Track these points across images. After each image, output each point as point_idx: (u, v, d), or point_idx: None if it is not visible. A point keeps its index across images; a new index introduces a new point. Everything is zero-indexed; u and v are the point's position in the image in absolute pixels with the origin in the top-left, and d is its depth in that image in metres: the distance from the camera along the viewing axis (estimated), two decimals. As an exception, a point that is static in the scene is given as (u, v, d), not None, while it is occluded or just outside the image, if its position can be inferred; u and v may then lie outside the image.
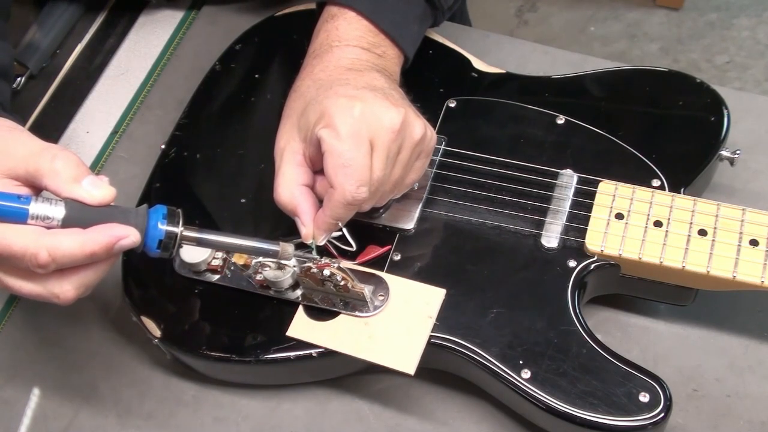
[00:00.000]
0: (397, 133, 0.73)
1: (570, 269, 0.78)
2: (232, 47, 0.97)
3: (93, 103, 1.03)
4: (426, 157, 0.78)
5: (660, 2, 2.09)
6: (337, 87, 0.76)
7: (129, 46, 1.07)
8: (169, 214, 0.68)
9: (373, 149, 0.73)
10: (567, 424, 0.72)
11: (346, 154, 0.72)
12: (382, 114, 0.73)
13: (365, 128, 0.73)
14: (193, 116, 0.93)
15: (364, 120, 0.73)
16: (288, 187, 0.76)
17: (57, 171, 0.65)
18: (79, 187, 0.65)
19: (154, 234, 0.67)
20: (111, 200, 0.66)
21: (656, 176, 0.81)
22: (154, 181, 0.90)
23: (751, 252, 0.75)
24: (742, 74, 1.98)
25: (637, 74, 0.90)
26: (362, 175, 0.72)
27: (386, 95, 0.76)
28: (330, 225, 0.75)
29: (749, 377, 0.80)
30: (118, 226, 0.66)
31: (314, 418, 0.81)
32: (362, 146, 0.72)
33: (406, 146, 0.75)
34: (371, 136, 0.73)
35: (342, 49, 0.81)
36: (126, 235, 0.66)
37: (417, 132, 0.75)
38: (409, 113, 0.75)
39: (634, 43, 2.05)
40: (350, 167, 0.72)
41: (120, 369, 0.85)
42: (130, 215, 0.67)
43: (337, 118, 0.73)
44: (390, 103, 0.74)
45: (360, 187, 0.72)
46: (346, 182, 0.72)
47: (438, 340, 0.76)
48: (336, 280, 0.76)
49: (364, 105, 0.73)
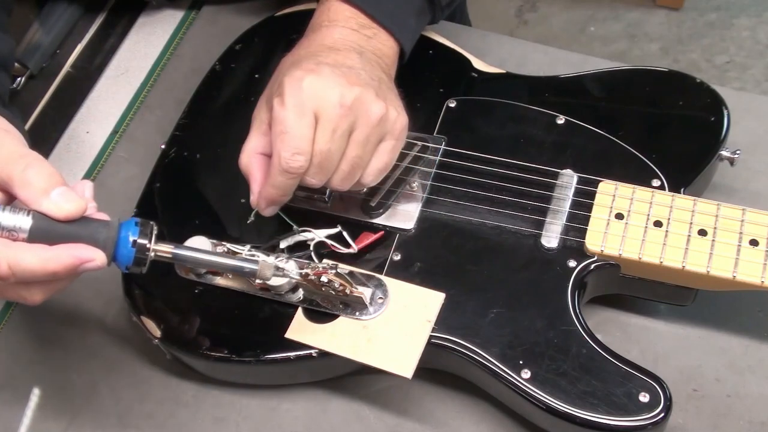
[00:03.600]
0: (347, 109, 0.74)
1: (570, 269, 0.78)
2: (232, 47, 0.97)
3: (93, 103, 1.03)
4: (393, 140, 0.78)
5: (660, 2, 2.09)
6: (304, 61, 0.77)
7: (129, 46, 1.07)
8: (141, 229, 0.67)
9: (318, 121, 0.74)
10: (567, 424, 0.72)
11: (285, 121, 0.73)
12: (331, 89, 0.74)
13: (311, 101, 0.74)
14: (193, 116, 0.93)
15: (311, 92, 0.74)
16: (247, 153, 0.79)
17: (28, 181, 0.64)
18: (47, 200, 0.64)
19: (124, 248, 0.66)
20: (80, 214, 0.65)
21: (656, 176, 0.81)
22: (154, 181, 0.90)
23: (751, 252, 0.75)
24: (742, 74, 1.98)
25: (637, 74, 0.90)
26: (299, 144, 0.73)
27: (348, 73, 0.76)
28: (270, 193, 0.77)
29: (749, 377, 0.80)
30: (83, 247, 0.65)
31: (314, 418, 0.81)
32: (304, 117, 0.73)
33: (360, 124, 0.75)
34: (316, 108, 0.74)
35: (330, 29, 0.82)
36: (91, 259, 0.65)
37: (374, 112, 0.75)
38: (367, 93, 0.75)
39: (634, 43, 2.05)
40: (287, 134, 0.73)
41: (120, 369, 0.85)
42: (101, 230, 0.65)
43: (286, 89, 0.74)
44: (346, 81, 0.75)
45: (295, 155, 0.73)
46: (282, 148, 0.73)
47: (438, 340, 0.76)
48: (334, 286, 0.76)
49: (316, 78, 0.74)
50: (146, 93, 1.03)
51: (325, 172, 0.76)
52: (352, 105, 0.74)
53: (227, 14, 1.07)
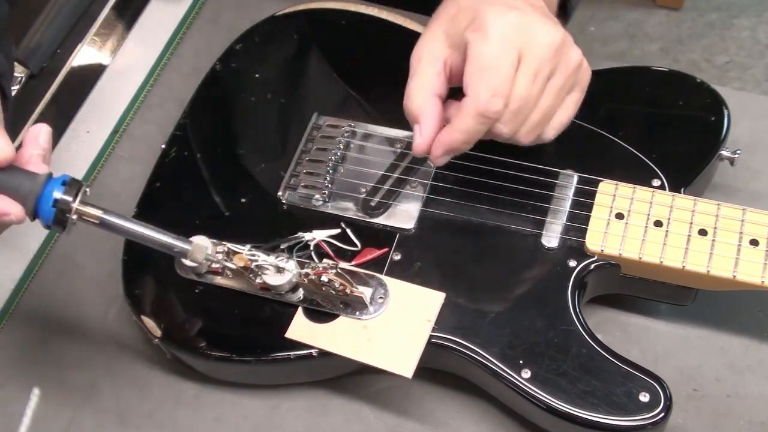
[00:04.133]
0: (554, 52, 0.68)
1: (570, 269, 0.78)
2: (233, 47, 0.97)
3: (93, 103, 1.03)
4: (581, 91, 0.73)
5: (660, 2, 2.09)
6: (494, 3, 0.70)
7: (129, 46, 1.07)
8: (69, 185, 0.65)
9: (521, 62, 0.67)
10: (567, 423, 0.72)
11: (487, 57, 0.66)
12: (540, 28, 0.68)
13: (517, 36, 0.67)
14: (193, 116, 0.93)
15: (518, 28, 0.67)
16: (421, 92, 0.71)
17: None
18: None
19: (46, 205, 0.64)
20: (6, 163, 0.63)
21: (656, 176, 0.81)
22: (154, 181, 0.90)
23: (751, 252, 0.75)
24: (742, 74, 1.98)
25: (637, 74, 0.90)
26: (499, 84, 0.67)
27: (547, 15, 0.71)
28: (455, 139, 0.70)
29: (749, 377, 0.80)
30: (1, 200, 0.63)
31: (314, 418, 0.81)
32: (509, 53, 0.67)
33: (560, 71, 0.70)
34: (521, 46, 0.67)
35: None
36: (6, 213, 0.63)
37: (574, 58, 0.70)
38: (569, 37, 0.69)
39: (634, 43, 2.05)
40: (488, 71, 0.67)
41: (120, 369, 0.85)
42: (26, 182, 0.64)
43: (489, 21, 0.67)
44: (551, 22, 0.69)
45: (494, 97, 0.67)
46: (480, 88, 0.67)
47: (438, 340, 0.76)
48: (334, 285, 0.76)
49: (522, 14, 0.68)
50: (146, 92, 1.03)
51: (518, 121, 0.70)
52: (559, 47, 0.68)
53: (228, 14, 1.07)
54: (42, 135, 0.67)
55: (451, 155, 0.73)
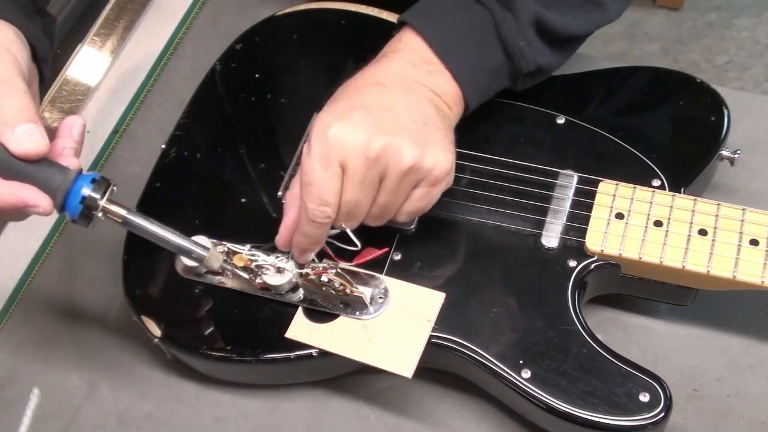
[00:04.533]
0: (372, 161, 0.71)
1: (570, 269, 0.78)
2: (233, 47, 0.97)
3: (93, 103, 1.03)
4: (429, 186, 0.75)
5: (660, 2, 2.09)
6: (341, 101, 0.75)
7: (129, 46, 1.07)
8: (98, 183, 0.66)
9: (345, 172, 0.72)
10: (567, 423, 0.72)
11: (310, 172, 0.72)
12: (357, 138, 0.71)
13: (336, 150, 0.71)
14: (193, 116, 0.93)
15: (336, 141, 0.71)
16: (295, 188, 0.77)
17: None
18: (10, 133, 0.64)
19: (74, 200, 0.65)
20: (38, 156, 0.64)
21: (656, 176, 0.81)
22: (154, 181, 0.89)
23: (751, 252, 0.75)
24: (742, 74, 1.98)
25: (637, 74, 0.90)
26: (323, 195, 0.72)
27: (382, 118, 0.73)
28: (300, 242, 0.76)
29: (749, 377, 0.80)
30: (31, 190, 0.64)
31: (314, 418, 0.81)
32: (329, 167, 0.71)
33: (390, 172, 0.73)
34: (342, 159, 0.72)
35: (389, 60, 0.79)
36: (36, 204, 0.64)
37: (405, 160, 0.72)
38: (398, 140, 0.72)
39: (634, 43, 2.05)
40: (312, 186, 0.72)
41: (120, 369, 0.85)
42: (57, 176, 0.65)
43: (314, 136, 0.72)
44: (375, 128, 0.72)
45: (321, 206, 0.72)
46: (307, 200, 0.72)
47: (438, 340, 0.76)
48: (334, 285, 0.76)
49: (342, 127, 0.72)
50: (147, 92, 1.03)
51: (354, 219, 0.75)
52: (378, 155, 0.71)
53: (228, 14, 1.07)
54: (76, 128, 0.69)
55: (309, 253, 0.78)
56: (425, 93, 0.77)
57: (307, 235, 0.75)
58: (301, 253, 0.77)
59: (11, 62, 0.68)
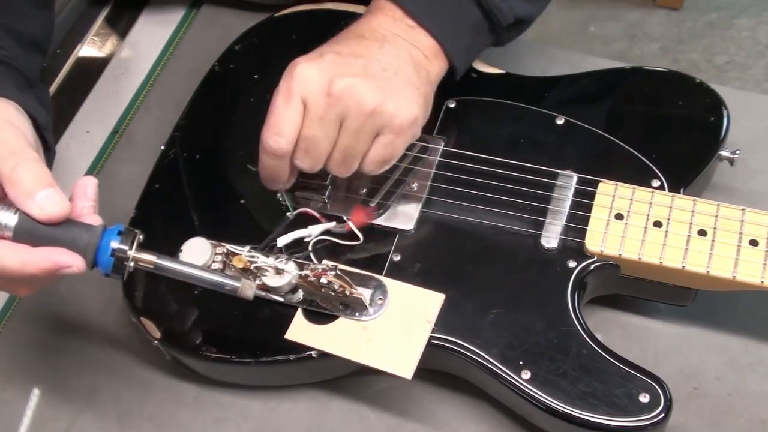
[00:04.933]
0: (333, 98, 0.73)
1: (570, 270, 0.78)
2: (231, 48, 0.97)
3: (93, 103, 1.03)
4: (392, 134, 0.76)
5: (660, 2, 2.09)
6: (318, 49, 0.78)
7: (129, 46, 1.07)
8: (124, 235, 0.67)
9: (306, 107, 0.74)
10: (567, 424, 0.72)
11: (272, 104, 0.74)
12: (320, 76, 0.74)
13: (298, 87, 0.74)
14: (192, 117, 0.93)
15: (300, 79, 0.74)
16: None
17: (15, 180, 0.65)
18: (31, 201, 0.64)
19: (104, 255, 0.66)
20: (62, 218, 0.65)
21: (656, 176, 0.81)
22: (153, 182, 0.89)
23: (751, 252, 0.75)
24: (742, 74, 1.98)
25: (637, 74, 0.90)
26: (280, 125, 0.74)
27: (352, 63, 0.75)
28: (261, 174, 0.78)
29: (750, 375, 0.80)
30: (63, 252, 0.65)
31: (315, 419, 0.81)
32: (289, 100, 0.74)
33: (351, 114, 0.74)
34: (303, 95, 0.74)
35: (371, 17, 0.81)
36: (69, 265, 0.65)
37: (366, 103, 0.74)
38: (362, 83, 0.74)
39: (634, 43, 2.05)
40: (271, 115, 0.74)
41: (120, 370, 0.85)
42: (83, 235, 0.66)
43: (284, 75, 0.75)
44: (341, 70, 0.74)
45: (274, 135, 0.74)
46: (265, 129, 0.75)
47: (438, 341, 0.76)
48: (333, 287, 0.76)
49: (309, 66, 0.74)
50: (146, 93, 1.03)
51: (312, 158, 0.75)
52: (339, 94, 0.73)
53: (226, 15, 1.07)
54: (90, 187, 0.69)
55: (275, 185, 0.79)
56: (402, 45, 0.79)
57: (264, 167, 0.77)
58: (266, 184, 0.79)
59: (17, 134, 0.69)
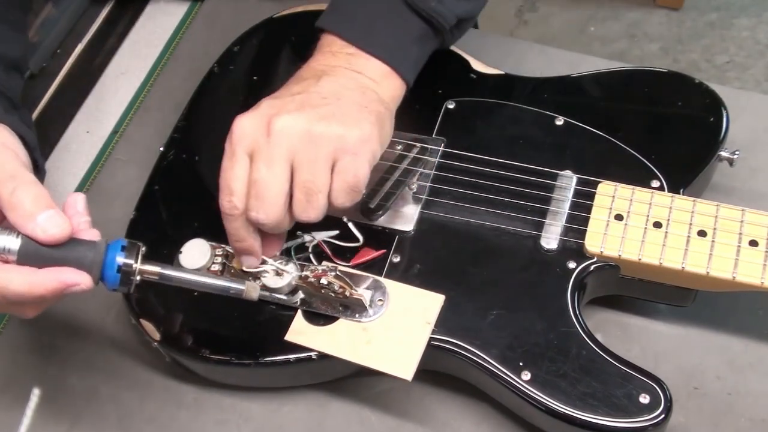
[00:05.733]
0: (274, 136, 0.71)
1: (569, 270, 0.78)
2: (231, 49, 0.97)
3: (93, 103, 1.03)
4: (348, 155, 0.72)
5: (660, 2, 2.09)
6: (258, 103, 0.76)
7: (129, 47, 1.07)
8: (128, 249, 0.67)
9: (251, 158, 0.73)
10: (567, 425, 0.72)
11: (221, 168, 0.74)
12: (256, 122, 0.73)
13: (238, 140, 0.73)
14: (191, 118, 0.93)
15: (237, 133, 0.73)
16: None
17: (15, 204, 0.65)
18: (33, 223, 0.64)
19: (110, 270, 0.67)
20: (65, 238, 0.65)
21: (655, 177, 0.81)
22: (152, 184, 0.89)
23: (750, 253, 0.75)
24: (742, 74, 1.98)
25: (636, 75, 0.90)
26: (229, 184, 0.73)
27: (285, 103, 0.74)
28: (232, 246, 0.76)
29: (750, 375, 0.80)
30: (69, 271, 0.65)
31: (315, 420, 0.81)
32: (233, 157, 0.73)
33: (298, 147, 0.72)
34: (245, 146, 0.73)
35: (312, 59, 0.80)
36: (77, 283, 0.65)
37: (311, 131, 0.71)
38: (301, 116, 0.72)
39: (634, 43, 2.05)
40: (220, 179, 0.73)
41: (120, 372, 0.85)
42: (88, 253, 0.66)
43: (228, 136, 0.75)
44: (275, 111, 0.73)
45: (226, 197, 0.73)
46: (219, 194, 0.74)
47: (438, 342, 0.76)
48: (333, 288, 0.76)
49: (242, 118, 0.73)
50: (145, 94, 1.03)
51: (267, 204, 0.72)
52: (280, 131, 0.71)
53: (226, 16, 1.07)
54: (79, 203, 0.69)
55: (247, 257, 0.77)
56: (343, 74, 0.78)
57: (229, 233, 0.74)
58: (239, 255, 0.77)
59: (12, 157, 0.69)
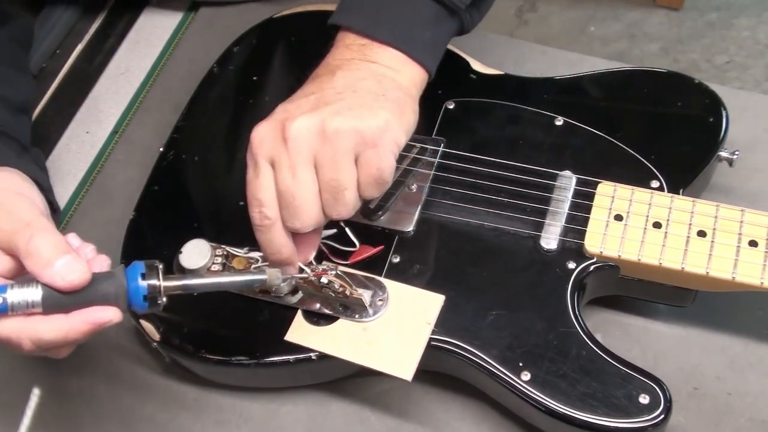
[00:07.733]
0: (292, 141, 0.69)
1: (569, 271, 0.78)
2: (230, 49, 0.97)
3: (93, 103, 1.03)
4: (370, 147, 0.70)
5: (660, 2, 2.09)
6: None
7: (128, 47, 1.07)
8: (147, 270, 0.66)
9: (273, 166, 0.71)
10: (567, 426, 0.72)
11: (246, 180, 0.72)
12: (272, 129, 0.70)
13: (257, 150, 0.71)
14: (191, 119, 0.93)
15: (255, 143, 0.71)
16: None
17: (31, 253, 0.64)
18: (51, 270, 0.64)
19: (137, 293, 0.66)
20: (84, 283, 0.64)
21: (655, 177, 0.81)
22: (152, 184, 0.89)
23: (750, 253, 0.75)
24: (742, 74, 1.98)
25: (636, 75, 0.90)
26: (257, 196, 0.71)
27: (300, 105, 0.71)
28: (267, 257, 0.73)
29: (750, 375, 0.80)
30: (98, 310, 0.64)
31: (315, 420, 0.81)
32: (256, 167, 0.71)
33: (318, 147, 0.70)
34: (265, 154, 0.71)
35: (327, 57, 0.78)
36: (108, 320, 0.65)
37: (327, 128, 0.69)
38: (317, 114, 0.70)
39: (634, 43, 2.05)
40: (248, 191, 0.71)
41: (120, 372, 0.85)
42: (110, 287, 0.65)
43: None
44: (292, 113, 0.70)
45: (256, 209, 0.71)
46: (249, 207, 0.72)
47: (438, 343, 0.76)
48: (334, 287, 0.76)
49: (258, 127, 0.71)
50: (146, 93, 1.03)
51: (301, 212, 0.70)
52: (296, 134, 0.69)
53: (225, 16, 1.07)
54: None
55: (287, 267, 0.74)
56: (357, 66, 0.75)
57: (263, 245, 0.72)
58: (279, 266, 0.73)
59: (28, 205, 0.69)
